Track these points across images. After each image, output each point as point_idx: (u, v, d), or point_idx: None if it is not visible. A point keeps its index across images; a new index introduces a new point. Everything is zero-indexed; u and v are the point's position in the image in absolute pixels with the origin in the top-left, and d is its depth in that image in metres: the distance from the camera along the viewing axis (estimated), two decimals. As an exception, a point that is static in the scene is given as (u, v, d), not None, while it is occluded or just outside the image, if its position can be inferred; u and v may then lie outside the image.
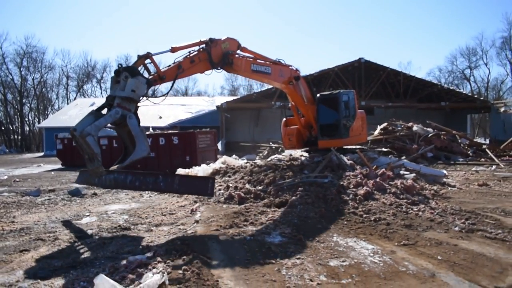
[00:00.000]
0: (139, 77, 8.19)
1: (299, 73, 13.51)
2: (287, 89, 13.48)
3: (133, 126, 8.01)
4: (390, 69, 35.17)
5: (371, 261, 5.52)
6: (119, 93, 7.94)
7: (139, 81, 8.11)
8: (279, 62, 12.90)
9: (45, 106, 76.25)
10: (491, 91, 71.84)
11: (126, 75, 8.02)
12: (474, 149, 21.74)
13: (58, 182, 17.30)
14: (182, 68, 9.54)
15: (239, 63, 11.17)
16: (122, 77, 8.03)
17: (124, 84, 7.98)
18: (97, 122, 7.58)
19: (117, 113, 7.78)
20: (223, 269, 5.36)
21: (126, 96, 7.92)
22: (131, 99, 8.02)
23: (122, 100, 7.92)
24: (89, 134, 7.35)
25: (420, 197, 9.25)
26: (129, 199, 11.90)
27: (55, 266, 5.82)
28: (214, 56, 10.35)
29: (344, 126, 13.85)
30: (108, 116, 7.73)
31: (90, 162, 7.80)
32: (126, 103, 7.96)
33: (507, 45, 66.38)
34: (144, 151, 8.10)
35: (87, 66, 79.80)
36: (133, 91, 7.96)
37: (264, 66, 12.28)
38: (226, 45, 10.78)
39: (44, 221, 9.00)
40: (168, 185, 7.92)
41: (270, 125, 37.26)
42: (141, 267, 5.34)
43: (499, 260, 5.42)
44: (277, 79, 12.85)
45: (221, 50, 10.63)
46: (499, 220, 7.56)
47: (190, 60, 9.82)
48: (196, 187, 7.93)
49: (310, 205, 8.57)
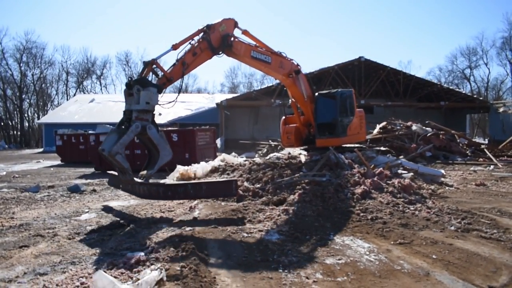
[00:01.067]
0: (150, 88, 8.65)
1: (300, 68, 13.53)
2: (286, 81, 13.54)
3: (154, 135, 8.67)
4: (390, 68, 35.18)
5: (367, 260, 5.58)
6: (135, 106, 8.48)
7: (151, 92, 8.61)
8: (281, 54, 12.97)
9: (45, 102, 76.19)
10: (491, 91, 71.89)
11: (138, 88, 8.48)
12: (473, 149, 21.78)
13: (58, 178, 17.35)
14: (187, 64, 9.87)
15: (239, 47, 11.29)
16: (135, 90, 8.48)
17: (138, 97, 8.47)
18: (122, 140, 8.23)
19: (137, 127, 8.39)
20: (221, 266, 5.42)
21: (142, 109, 8.48)
22: (147, 111, 8.59)
23: (139, 113, 8.49)
24: (117, 153, 8.18)
25: (417, 197, 9.31)
26: (128, 196, 11.91)
27: (54, 262, 5.88)
28: (213, 41, 10.51)
29: (341, 125, 13.85)
30: (130, 132, 8.33)
31: (122, 174, 8.84)
32: (143, 115, 8.55)
33: (507, 45, 66.32)
34: (168, 156, 8.82)
35: (87, 62, 79.74)
36: (147, 103, 8.51)
37: (265, 54, 12.29)
38: (223, 27, 10.87)
39: (44, 217, 9.06)
40: (197, 192, 8.79)
41: (270, 123, 37.29)
42: (139, 263, 5.41)
43: (493, 260, 5.48)
44: (277, 70, 12.87)
45: (220, 33, 10.75)
46: (494, 220, 7.62)
47: (192, 53, 10.07)
48: (222, 190, 8.96)
49: (307, 204, 8.64)
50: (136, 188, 9.06)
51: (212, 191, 8.94)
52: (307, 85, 14.04)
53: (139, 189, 8.99)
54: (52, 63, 75.48)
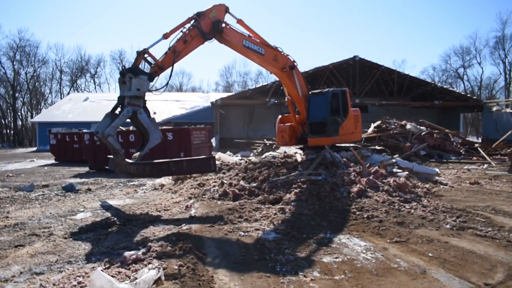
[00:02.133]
0: (141, 76, 9.31)
1: (295, 64, 13.55)
2: (280, 75, 13.64)
3: (144, 119, 9.36)
4: (384, 67, 35.29)
5: (363, 258, 5.61)
6: (127, 93, 9.20)
7: (142, 80, 9.28)
8: (276, 48, 13.04)
9: (38, 101, 75.79)
10: (484, 90, 72.38)
11: (130, 75, 9.18)
12: (467, 147, 21.90)
13: (52, 177, 17.27)
14: (178, 51, 10.32)
15: (229, 33, 11.55)
16: (127, 78, 9.19)
17: (130, 84, 9.16)
18: (114, 123, 9.04)
19: (129, 112, 9.14)
20: (218, 265, 5.42)
21: (133, 95, 9.18)
22: (138, 97, 9.27)
23: (131, 98, 9.21)
24: (109, 135, 8.95)
25: (413, 195, 9.35)
26: (123, 195, 11.92)
27: (51, 261, 5.86)
28: (204, 27, 10.87)
29: (332, 124, 13.81)
30: (122, 116, 9.11)
31: (115, 155, 9.67)
32: (134, 101, 9.25)
33: (500, 44, 66.88)
34: (157, 139, 9.49)
35: (81, 60, 79.49)
36: (138, 89, 9.20)
37: (258, 45, 12.42)
38: (214, 13, 11.12)
39: (39, 217, 9.02)
40: (178, 168, 9.41)
41: (265, 122, 37.31)
42: (136, 262, 5.40)
43: (488, 258, 5.52)
44: (271, 62, 12.98)
45: (210, 19, 11.02)
46: (489, 218, 7.67)
47: (183, 41, 10.49)
48: (201, 166, 9.49)
49: (304, 202, 8.67)
50: (128, 167, 9.46)
51: (193, 167, 9.45)
52: (303, 82, 14.06)
53: (130, 169, 9.42)
54: (46, 62, 75.25)
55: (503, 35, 66.20)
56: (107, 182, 15.13)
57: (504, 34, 66.22)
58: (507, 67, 67.41)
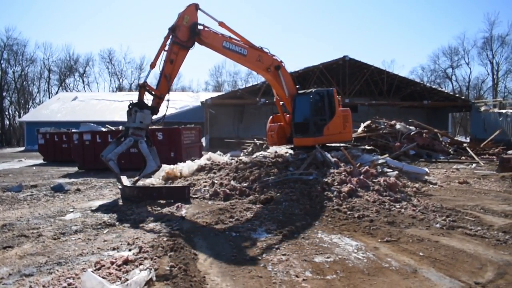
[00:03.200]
0: (145, 110, 10.71)
1: (282, 64, 13.56)
2: (265, 76, 13.73)
3: (143, 149, 10.63)
4: (374, 67, 35.46)
5: (355, 257, 5.63)
6: (131, 124, 10.62)
7: (145, 113, 10.69)
8: (261, 48, 13.06)
9: (26, 100, 74.87)
10: (472, 90, 73.04)
11: (135, 109, 10.60)
12: (455, 147, 22.14)
13: (40, 177, 17.09)
14: (169, 75, 11.13)
15: (207, 35, 11.70)
16: (133, 112, 10.61)
17: (135, 117, 10.57)
18: (116, 150, 10.49)
19: (130, 141, 10.56)
20: (210, 266, 5.41)
21: (136, 126, 10.60)
22: (140, 128, 10.67)
23: (134, 129, 10.61)
24: (111, 159, 10.38)
25: (403, 195, 9.42)
26: (113, 195, 11.82)
27: (40, 262, 5.79)
28: (182, 38, 11.18)
29: (315, 125, 13.78)
30: (123, 144, 10.56)
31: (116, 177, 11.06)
32: (137, 131, 10.64)
33: (488, 45, 67.50)
34: (152, 167, 10.85)
35: (70, 59, 78.56)
36: (141, 122, 10.60)
37: (240, 46, 12.50)
38: (187, 19, 11.27)
39: (27, 217, 8.91)
40: (159, 195, 10.29)
41: (255, 122, 37.28)
42: (127, 263, 5.35)
43: (478, 256, 5.58)
44: (254, 63, 13.06)
45: (185, 27, 11.22)
46: (478, 217, 7.76)
47: (170, 62, 11.02)
48: (176, 194, 10.20)
49: (295, 202, 8.69)
50: (123, 189, 10.69)
51: (170, 194, 10.28)
52: (290, 82, 14.06)
53: (124, 191, 10.65)
54: (34, 61, 74.32)
55: (491, 35, 66.93)
56: (96, 182, 15.02)
57: (491, 35, 66.97)
58: (495, 68, 68.20)
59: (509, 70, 68.02)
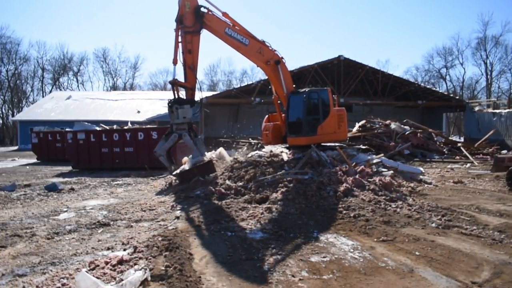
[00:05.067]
0: (185, 106, 11.57)
1: (282, 59, 13.66)
2: (264, 68, 13.78)
3: (187, 141, 11.58)
4: (368, 67, 35.46)
5: (351, 257, 5.61)
6: (175, 121, 11.58)
7: (185, 109, 11.57)
8: (263, 42, 13.29)
9: (20, 99, 74.25)
10: (466, 90, 73.38)
11: (176, 106, 11.47)
12: (450, 147, 22.20)
13: (34, 176, 16.96)
14: (192, 65, 11.64)
15: (211, 18, 12.06)
16: (174, 108, 11.48)
17: (177, 113, 11.48)
18: (164, 145, 11.72)
19: (175, 137, 11.63)
20: (206, 265, 5.37)
21: (180, 122, 11.56)
22: (183, 123, 11.58)
23: (178, 125, 11.61)
24: (160, 155, 11.72)
25: (398, 194, 9.42)
26: (107, 195, 11.77)
27: (34, 262, 5.73)
28: (190, 24, 11.55)
29: (308, 124, 13.67)
30: (170, 140, 11.70)
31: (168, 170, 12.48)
32: (181, 126, 11.60)
33: (482, 45, 67.81)
34: (197, 156, 11.70)
35: (64, 58, 77.89)
36: (184, 117, 11.54)
37: (242, 35, 12.76)
38: (188, 5, 11.60)
39: (21, 217, 8.84)
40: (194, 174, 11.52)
41: (250, 121, 37.19)
42: (122, 263, 5.31)
43: (474, 256, 5.58)
44: (255, 54, 13.26)
45: (189, 12, 11.55)
46: (474, 217, 7.77)
47: (188, 52, 11.49)
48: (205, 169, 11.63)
49: (290, 201, 8.66)
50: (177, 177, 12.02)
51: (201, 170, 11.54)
52: (289, 80, 14.04)
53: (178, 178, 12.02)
54: (27, 59, 73.61)
55: (485, 36, 67.26)
56: (90, 181, 14.93)
57: (485, 36, 67.29)
58: (489, 68, 68.58)
59: (503, 70, 68.52)
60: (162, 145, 11.71)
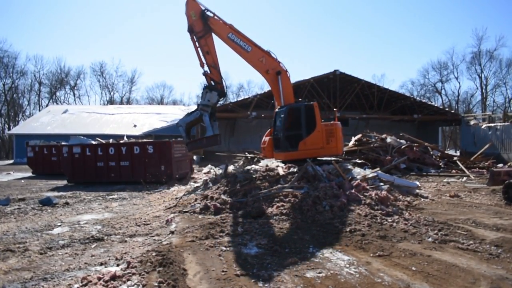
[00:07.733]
0: (213, 92, 13.29)
1: (284, 71, 14.01)
2: (266, 77, 14.19)
3: (206, 121, 13.09)
4: (364, 82, 35.68)
5: (347, 272, 5.55)
6: (201, 101, 13.30)
7: (212, 94, 13.27)
8: (268, 52, 13.85)
9: (16, 113, 74.15)
10: (461, 104, 73.85)
11: (206, 90, 13.30)
12: (446, 160, 22.21)
13: (29, 190, 16.85)
14: (213, 63, 13.40)
15: (214, 22, 13.37)
16: (204, 92, 13.30)
17: (204, 96, 13.24)
18: (186, 118, 13.41)
19: (197, 114, 13.24)
20: (200, 281, 5.29)
21: (204, 103, 13.20)
22: (207, 105, 13.18)
23: (203, 106, 13.19)
24: (180, 125, 13.40)
25: (394, 208, 9.38)
26: (102, 209, 11.67)
27: (25, 278, 5.65)
28: (199, 29, 13.23)
29: (288, 140, 13.53)
30: (192, 116, 13.35)
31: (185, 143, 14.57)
32: (204, 107, 13.17)
33: (476, 60, 68.53)
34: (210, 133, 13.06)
35: (61, 72, 78.11)
36: (208, 100, 13.20)
37: (245, 42, 13.65)
38: (193, 13, 13.26)
39: (14, 231, 8.75)
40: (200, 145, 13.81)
41: (246, 135, 37.24)
42: (115, 279, 5.23)
43: (471, 271, 5.53)
44: (256, 62, 13.91)
45: (196, 19, 13.17)
46: (470, 231, 7.72)
47: (207, 54, 13.28)
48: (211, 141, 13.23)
49: (286, 216, 8.61)
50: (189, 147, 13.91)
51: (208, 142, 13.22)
52: (289, 92, 14.04)
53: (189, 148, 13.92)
54: (24, 73, 73.75)
55: (479, 50, 68.02)
56: (85, 195, 14.83)
57: (480, 50, 68.07)
58: (483, 82, 69.17)
59: (498, 84, 69.22)
60: (185, 119, 13.30)
